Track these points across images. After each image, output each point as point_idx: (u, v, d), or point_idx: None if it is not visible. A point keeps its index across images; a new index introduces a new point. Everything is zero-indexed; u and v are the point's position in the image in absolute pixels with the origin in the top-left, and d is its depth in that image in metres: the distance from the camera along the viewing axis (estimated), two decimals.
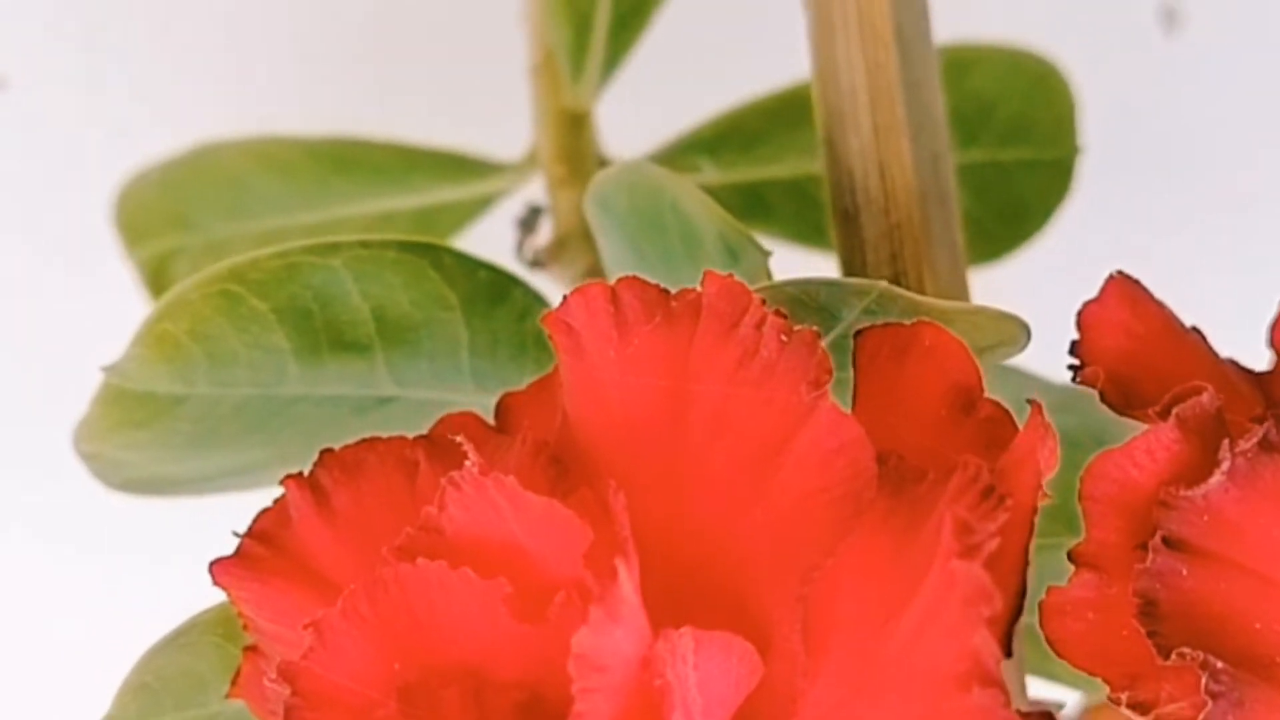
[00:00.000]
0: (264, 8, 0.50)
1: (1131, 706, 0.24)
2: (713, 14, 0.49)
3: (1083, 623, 0.24)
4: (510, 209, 0.45)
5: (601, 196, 0.32)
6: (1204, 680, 0.21)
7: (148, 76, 0.50)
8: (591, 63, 0.42)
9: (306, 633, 0.23)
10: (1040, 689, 0.34)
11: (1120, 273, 0.26)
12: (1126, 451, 0.23)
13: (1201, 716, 0.21)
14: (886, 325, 0.25)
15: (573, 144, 0.42)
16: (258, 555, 0.26)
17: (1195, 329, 0.26)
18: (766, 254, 0.31)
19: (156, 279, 0.44)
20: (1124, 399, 0.25)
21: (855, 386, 0.25)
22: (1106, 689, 0.24)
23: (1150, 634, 0.22)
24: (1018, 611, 0.20)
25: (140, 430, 0.31)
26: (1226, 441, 0.23)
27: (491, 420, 0.29)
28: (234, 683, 0.28)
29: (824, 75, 0.33)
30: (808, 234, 0.43)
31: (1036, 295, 0.35)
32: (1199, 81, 0.53)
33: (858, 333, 0.25)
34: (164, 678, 0.28)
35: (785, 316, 0.24)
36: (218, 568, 0.26)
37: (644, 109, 0.44)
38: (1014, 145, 0.42)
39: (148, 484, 0.33)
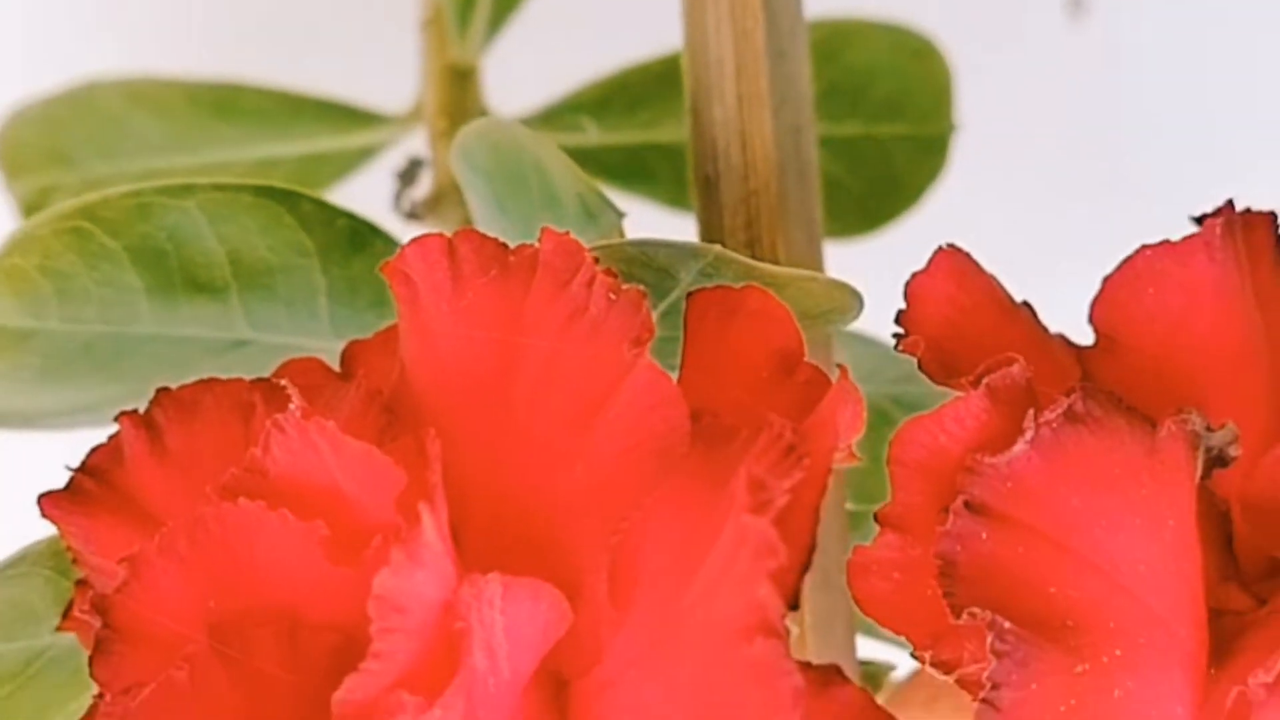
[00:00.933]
0: None
1: (934, 665, 0.25)
2: None
3: (888, 582, 0.24)
4: (394, 161, 0.45)
5: (466, 151, 0.33)
6: (990, 639, 0.22)
7: (33, 10, 0.50)
8: (478, 18, 0.42)
9: (121, 567, 0.23)
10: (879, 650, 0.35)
11: (949, 245, 0.26)
12: (936, 418, 0.24)
13: (985, 675, 0.22)
14: (716, 288, 0.25)
15: (457, 99, 0.43)
16: (88, 490, 0.26)
17: (1025, 303, 0.27)
18: (620, 215, 0.32)
19: (33, 213, 0.44)
20: (942, 369, 0.25)
21: (684, 346, 0.25)
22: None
23: (946, 594, 0.23)
24: (806, 566, 0.21)
25: None
26: (1031, 411, 0.23)
27: (338, 368, 0.29)
28: (65, 615, 0.28)
29: (693, 45, 0.34)
30: (687, 198, 0.44)
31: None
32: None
33: (689, 294, 0.26)
34: None
35: (615, 275, 0.24)
36: (46, 500, 0.26)
37: (531, 67, 0.44)
38: (890, 120, 0.43)
39: None
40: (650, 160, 0.44)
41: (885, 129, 0.43)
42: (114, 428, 0.36)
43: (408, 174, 0.43)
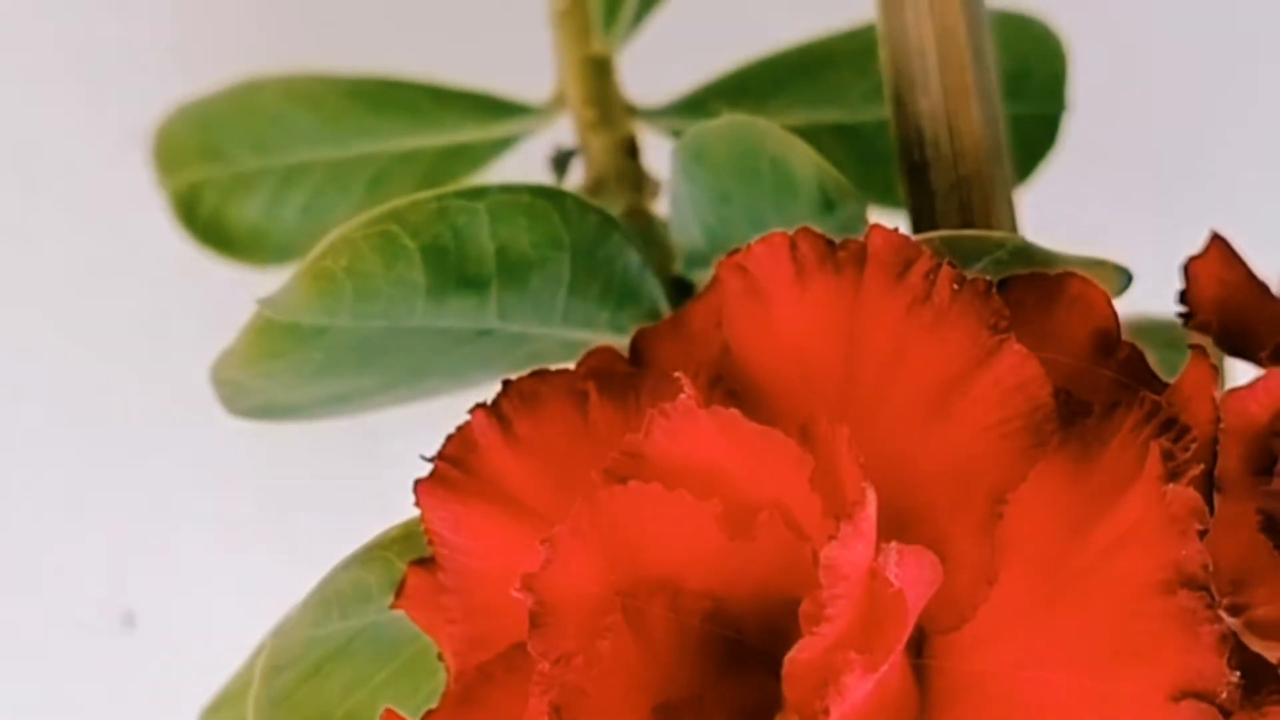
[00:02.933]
0: None
1: (1228, 609, 0.28)
2: None
3: None
4: (527, 151, 0.47)
5: (698, 146, 0.35)
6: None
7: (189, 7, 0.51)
8: (625, 11, 0.44)
9: (541, 547, 0.26)
10: None
11: (1216, 233, 0.29)
12: (1250, 390, 0.27)
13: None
14: (1034, 274, 0.28)
15: (600, 89, 0.45)
16: (453, 478, 0.28)
17: (1262, 281, 0.30)
18: (864, 204, 0.34)
19: (187, 209, 0.45)
20: (1228, 343, 0.28)
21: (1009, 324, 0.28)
22: None
23: (1277, 545, 0.26)
24: (1208, 530, 0.24)
25: (278, 359, 0.32)
26: None
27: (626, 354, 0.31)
28: (398, 594, 0.30)
29: (893, 38, 0.36)
30: None
31: None
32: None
33: (1003, 281, 0.28)
34: (339, 591, 0.30)
35: (956, 266, 0.27)
36: (421, 488, 0.28)
37: (660, 57, 0.47)
38: (1009, 99, 0.46)
39: (264, 410, 0.35)
40: None
41: (1007, 107, 0.45)
42: (361, 414, 0.38)
43: (560, 162, 0.45)
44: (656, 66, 0.46)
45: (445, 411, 0.30)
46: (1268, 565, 0.27)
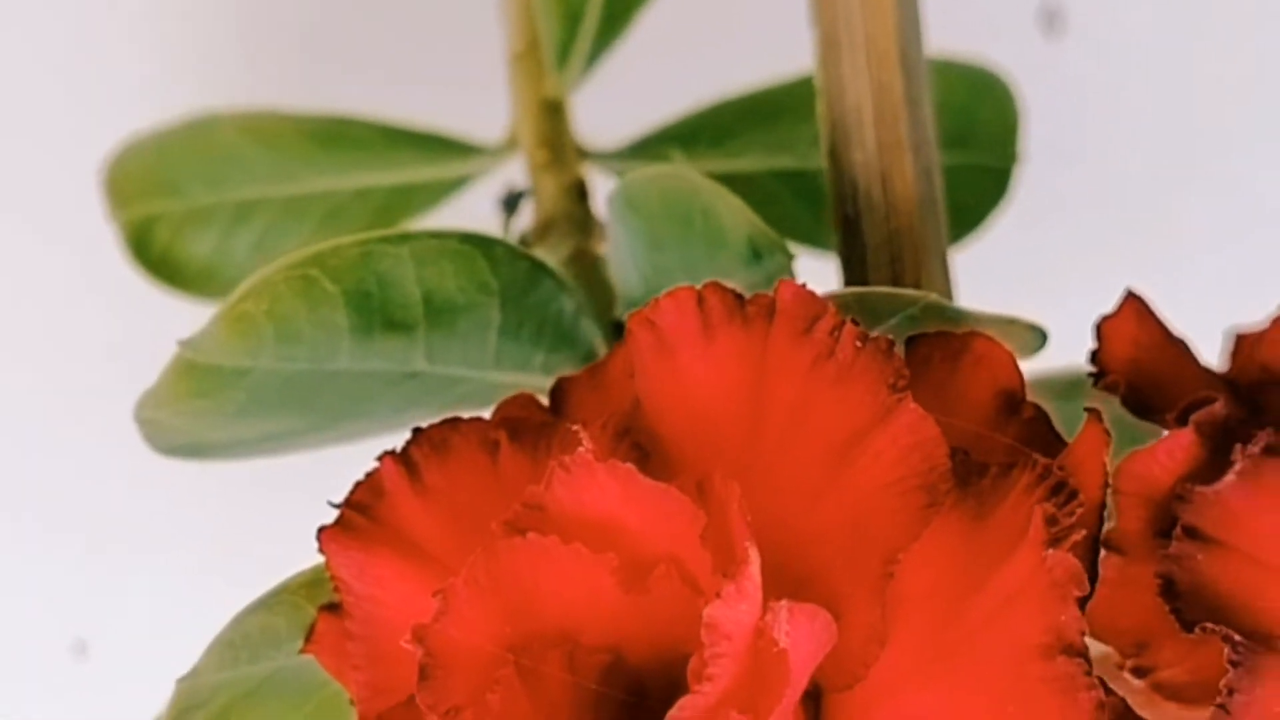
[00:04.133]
0: None
1: (1133, 671, 0.28)
2: (681, 11, 0.52)
3: (1098, 597, 0.27)
4: (480, 190, 0.47)
5: (631, 194, 0.35)
6: (1226, 651, 0.25)
7: (140, 50, 0.52)
8: (578, 54, 0.45)
9: (434, 599, 0.26)
10: None
11: (1131, 291, 0.29)
12: (1151, 452, 0.27)
13: (1223, 683, 0.25)
14: (940, 333, 0.28)
15: (553, 131, 0.45)
16: (359, 525, 0.28)
17: (1181, 339, 0.30)
18: (790, 256, 0.34)
19: (139, 242, 0.46)
20: (1138, 405, 0.28)
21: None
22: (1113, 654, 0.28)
23: (1173, 610, 0.26)
24: (1089, 596, 0.24)
25: (201, 399, 0.32)
26: (1239, 446, 0.26)
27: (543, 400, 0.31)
28: (308, 639, 0.30)
29: (830, 91, 0.36)
30: (771, 224, 0.46)
31: None
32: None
33: (910, 338, 0.28)
34: (247, 634, 0.30)
35: (858, 324, 0.27)
36: (325, 535, 0.28)
37: (614, 99, 0.47)
38: (956, 150, 0.46)
39: (194, 449, 0.35)
40: (734, 188, 0.46)
41: (952, 158, 0.45)
42: (291, 454, 0.38)
43: (511, 203, 0.45)
44: (611, 109, 0.46)
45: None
46: (1168, 627, 0.27)
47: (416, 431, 0.29)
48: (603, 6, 0.43)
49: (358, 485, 0.29)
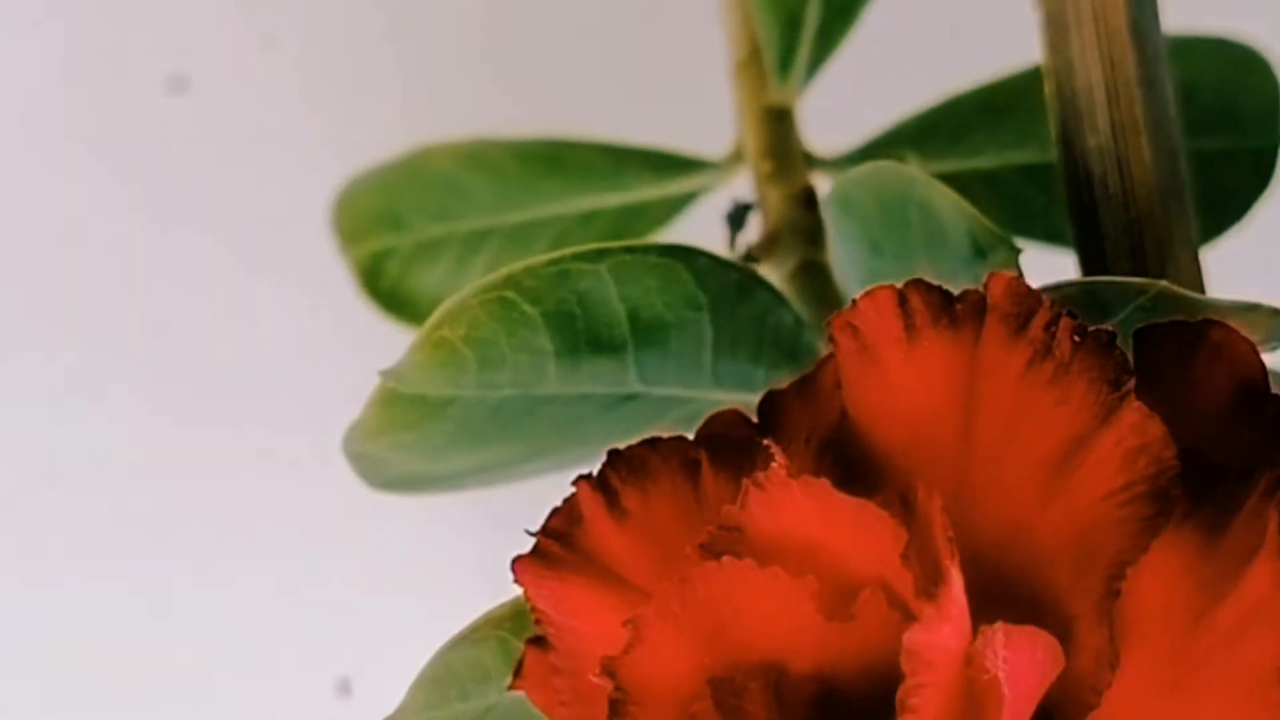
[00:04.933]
0: (461, 9, 0.51)
1: None
2: (904, 7, 0.49)
3: None
4: (711, 205, 0.46)
5: (844, 196, 0.33)
6: None
7: (325, 80, 0.52)
8: (800, 60, 0.43)
9: (625, 630, 0.24)
10: None
11: None
12: None
13: None
14: (1172, 323, 0.26)
15: (778, 140, 0.43)
16: (555, 554, 0.27)
17: None
18: (1017, 251, 0.32)
19: (370, 278, 0.46)
20: None
21: (1136, 385, 0.26)
22: None
23: None
24: None
25: (408, 431, 0.32)
26: None
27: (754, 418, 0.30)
28: (516, 674, 0.29)
29: (1059, 74, 0.34)
30: (1009, 223, 0.44)
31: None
32: None
33: (1138, 330, 0.26)
34: (453, 671, 0.29)
35: (1076, 317, 0.25)
36: (520, 565, 0.27)
37: (842, 104, 0.45)
38: (1214, 134, 0.43)
39: (407, 482, 0.34)
40: (972, 188, 0.44)
41: (1209, 143, 0.42)
42: (509, 483, 0.37)
43: (737, 217, 0.44)
44: (839, 114, 0.44)
45: None
46: None
47: (613, 454, 0.28)
48: (822, 8, 0.42)
49: (554, 512, 0.28)
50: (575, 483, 0.27)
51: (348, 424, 0.32)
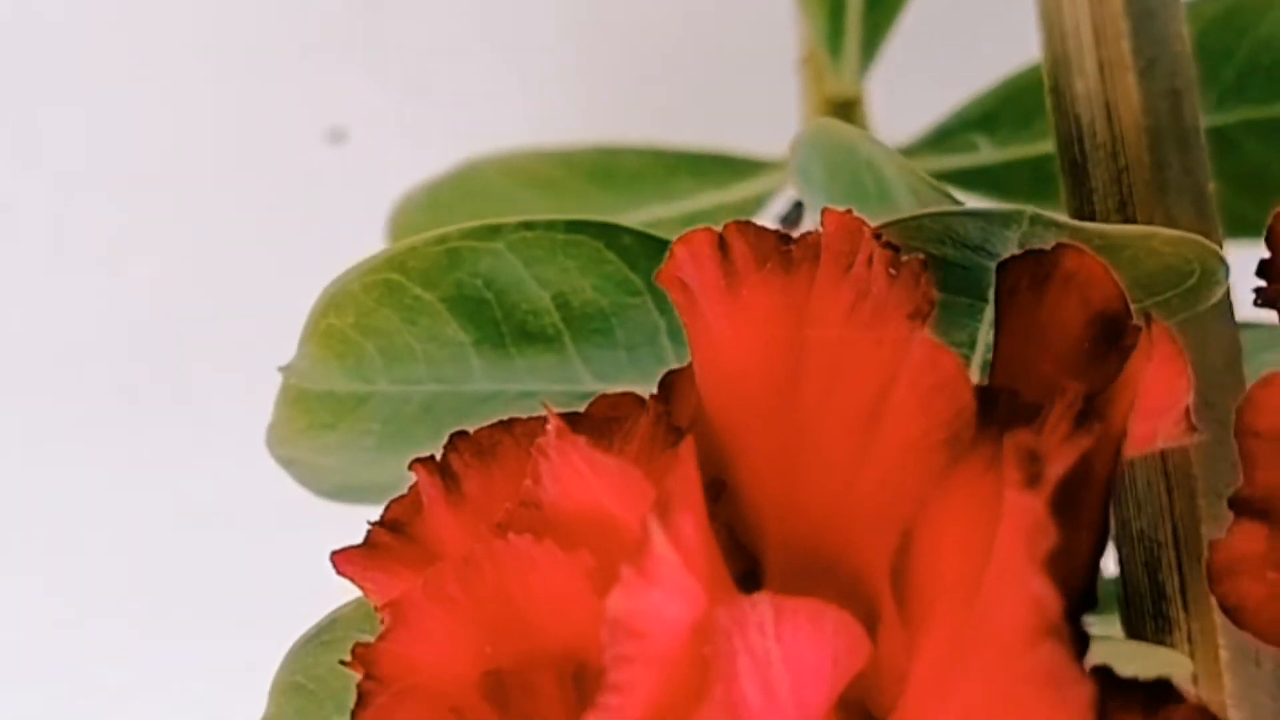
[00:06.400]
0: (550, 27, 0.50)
1: None
2: None
3: (1263, 585, 0.20)
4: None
5: (803, 168, 0.30)
6: None
7: (475, 123, 0.51)
8: (849, 47, 0.40)
9: (384, 613, 0.22)
10: None
11: None
12: None
13: None
14: (1028, 253, 0.22)
15: None
16: (384, 543, 0.25)
17: None
18: (958, 205, 0.28)
19: None
20: None
21: (996, 324, 0.22)
22: None
23: None
24: (1098, 550, 0.17)
25: (329, 432, 0.30)
26: None
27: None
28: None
29: (1048, 19, 0.30)
30: None
31: None
32: None
33: (1000, 263, 0.22)
34: (315, 677, 0.27)
35: (897, 249, 0.21)
36: (340, 557, 0.25)
37: (916, 91, 0.42)
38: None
39: (353, 491, 0.32)
40: (1052, 171, 0.40)
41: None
42: None
43: (790, 218, 0.41)
44: (910, 103, 0.41)
45: None
46: None
47: (457, 436, 0.25)
48: None
49: (395, 500, 0.25)
50: (411, 465, 0.25)
51: None
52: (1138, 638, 0.27)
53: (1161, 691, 0.17)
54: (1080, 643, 0.16)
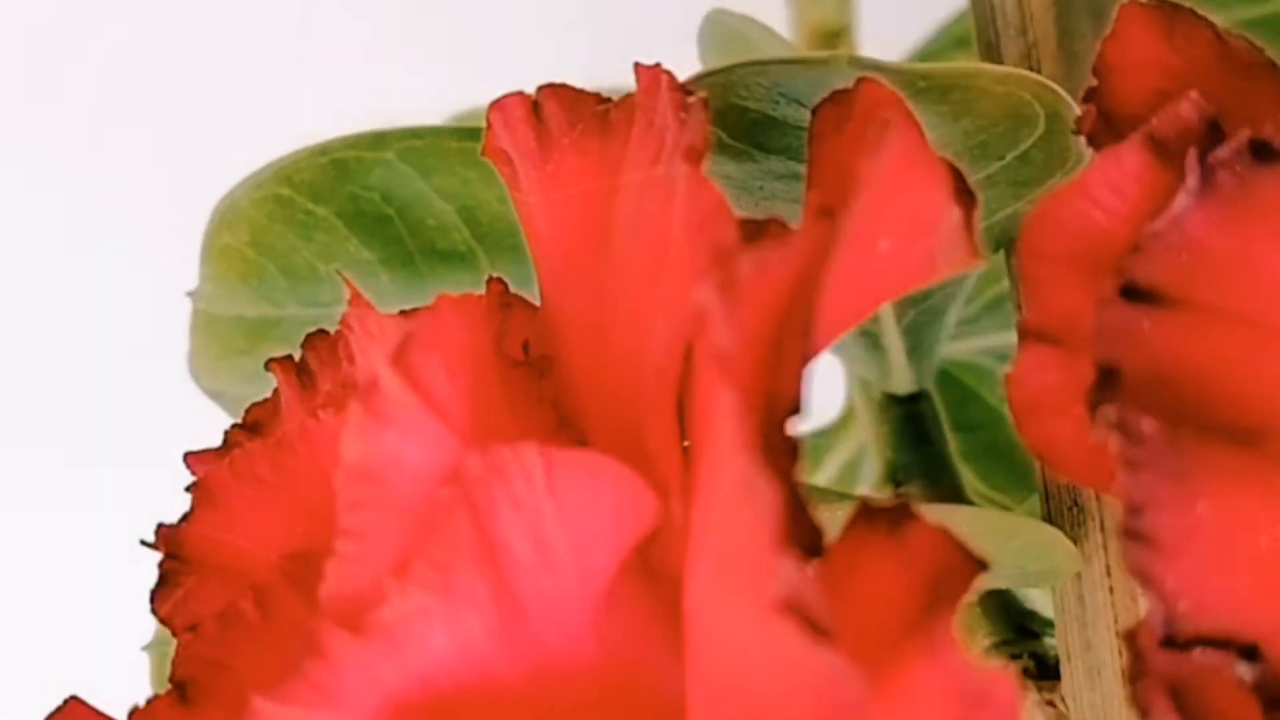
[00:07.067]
0: None
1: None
2: None
3: (1070, 422, 0.18)
4: None
5: (701, 55, 0.29)
6: (1117, 444, 0.16)
7: None
8: None
9: (192, 493, 0.21)
10: None
11: (1133, 2, 0.20)
12: (1080, 188, 0.18)
13: (1119, 492, 0.16)
14: (834, 94, 0.21)
15: None
16: (240, 444, 0.24)
17: (1246, 39, 0.20)
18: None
19: None
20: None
21: (808, 172, 0.21)
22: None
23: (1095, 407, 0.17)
24: (802, 364, 0.16)
25: (245, 359, 0.30)
26: (1193, 151, 0.17)
27: None
28: None
29: None
30: None
31: None
32: None
33: (813, 106, 0.21)
34: None
35: (688, 93, 0.20)
36: (194, 458, 0.24)
37: (904, 18, 0.40)
38: None
39: None
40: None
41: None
42: None
43: None
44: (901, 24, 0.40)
45: None
46: None
47: (311, 335, 0.25)
48: None
49: (253, 405, 0.25)
50: (268, 364, 0.25)
51: None
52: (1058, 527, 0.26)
53: (903, 512, 0.16)
54: (782, 452, 0.15)
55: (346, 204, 0.28)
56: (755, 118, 0.22)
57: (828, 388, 0.35)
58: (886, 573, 0.16)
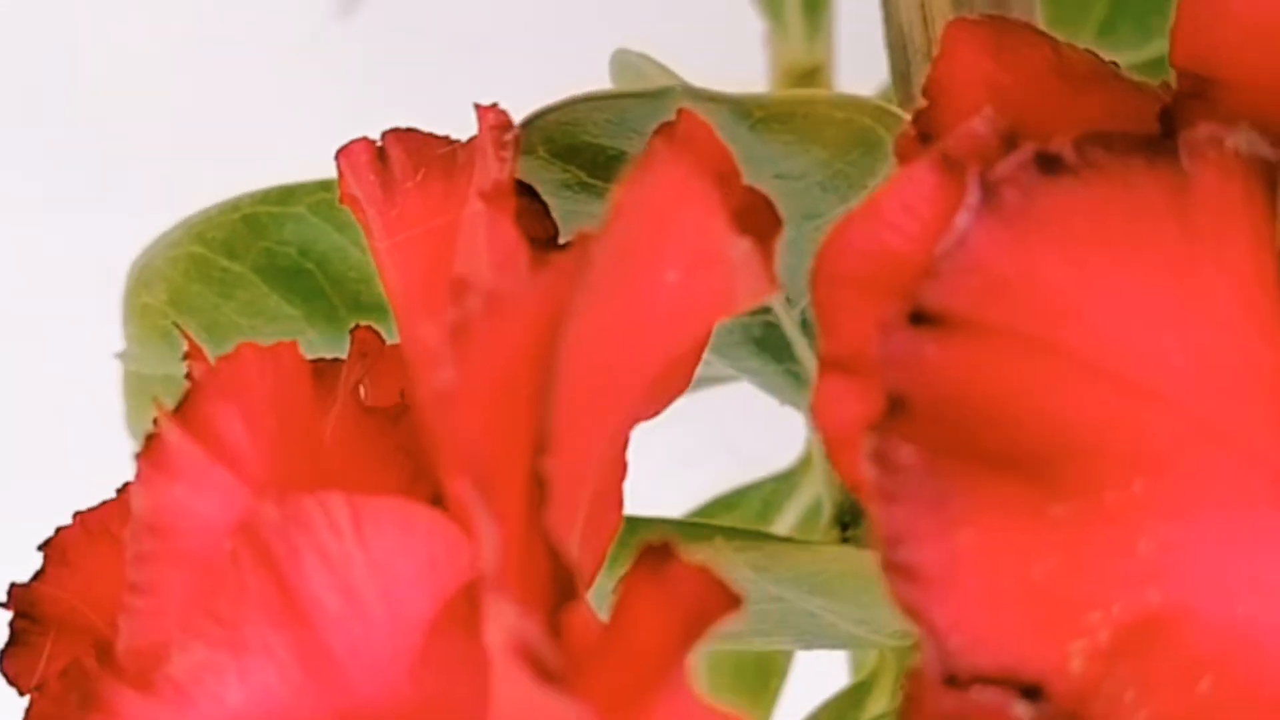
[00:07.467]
0: None
1: None
2: None
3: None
4: None
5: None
6: (871, 470, 0.15)
7: None
8: (791, 18, 0.38)
9: (44, 552, 0.21)
10: None
11: (960, 19, 0.20)
12: (871, 210, 0.17)
13: (879, 527, 0.15)
14: (660, 126, 0.20)
15: None
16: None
17: (1112, 62, 0.20)
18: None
19: None
20: None
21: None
22: None
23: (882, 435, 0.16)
24: None
25: None
26: (974, 166, 0.16)
27: None
28: None
29: None
30: None
31: None
32: None
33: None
34: None
35: (509, 128, 0.20)
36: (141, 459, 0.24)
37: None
38: None
39: None
40: None
41: None
42: None
43: None
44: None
45: None
46: None
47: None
48: None
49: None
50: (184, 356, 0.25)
51: None
52: None
53: (666, 551, 0.16)
54: (518, 492, 0.15)
55: (262, 259, 0.28)
56: (611, 154, 0.22)
57: (789, 432, 0.34)
58: (648, 612, 0.16)
